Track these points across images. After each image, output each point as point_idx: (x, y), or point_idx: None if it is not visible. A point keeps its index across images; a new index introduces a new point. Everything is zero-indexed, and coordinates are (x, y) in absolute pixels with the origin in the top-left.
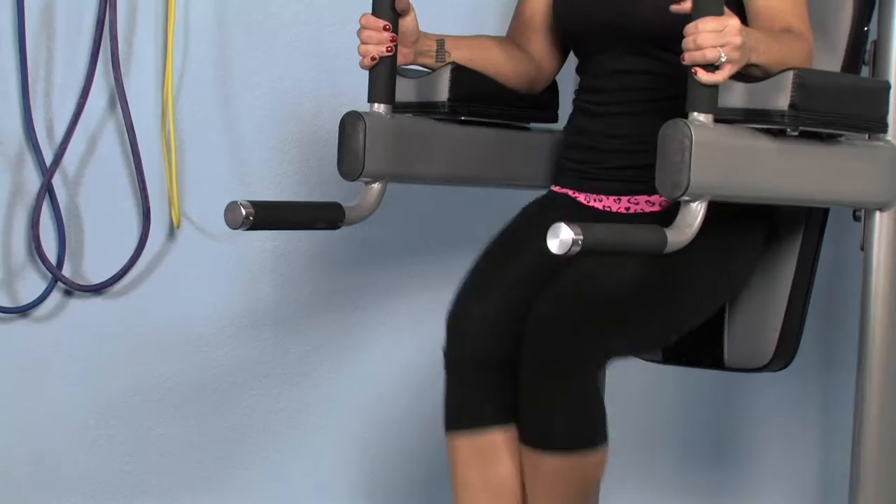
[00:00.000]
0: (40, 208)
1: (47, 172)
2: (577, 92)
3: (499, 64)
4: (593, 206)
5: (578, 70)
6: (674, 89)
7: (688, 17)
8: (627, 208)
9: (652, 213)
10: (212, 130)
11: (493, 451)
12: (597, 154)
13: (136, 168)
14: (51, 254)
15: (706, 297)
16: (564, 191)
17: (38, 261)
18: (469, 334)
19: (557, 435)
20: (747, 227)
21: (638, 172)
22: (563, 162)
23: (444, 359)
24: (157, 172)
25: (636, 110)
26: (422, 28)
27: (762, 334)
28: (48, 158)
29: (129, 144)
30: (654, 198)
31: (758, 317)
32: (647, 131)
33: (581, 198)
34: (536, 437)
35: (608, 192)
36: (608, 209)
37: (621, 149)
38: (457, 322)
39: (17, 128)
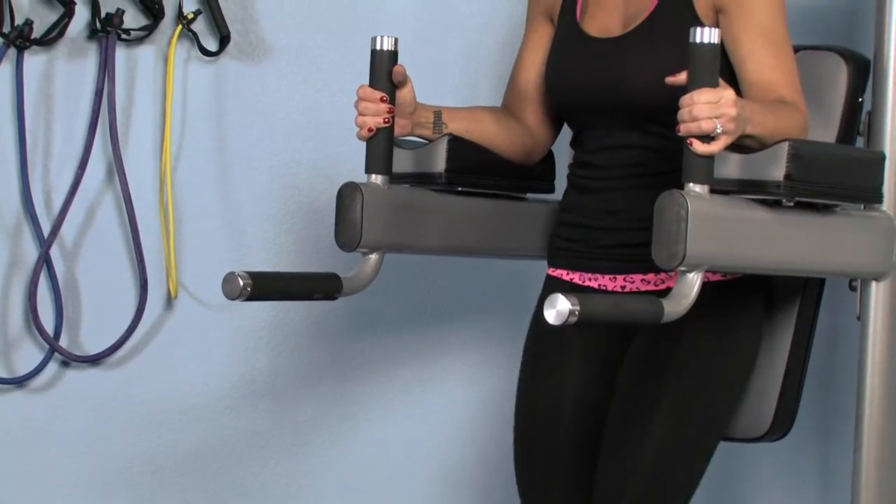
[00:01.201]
0: (38, 279)
1: (45, 243)
2: (571, 166)
3: (495, 135)
4: (588, 286)
5: (573, 144)
6: (667, 164)
7: (681, 90)
8: (623, 287)
9: (647, 292)
10: (209, 201)
11: None
12: (591, 232)
13: (133, 239)
14: (48, 324)
15: (729, 402)
16: (559, 273)
17: (35, 331)
18: None
19: None
20: (747, 305)
21: (633, 251)
22: (555, 241)
23: None
24: (155, 243)
25: (631, 186)
26: (418, 99)
27: (760, 404)
28: (46, 229)
29: (126, 215)
30: (650, 276)
31: (755, 386)
32: (641, 208)
33: (576, 278)
34: None
35: (603, 271)
36: (604, 287)
37: (616, 226)
38: None
39: (15, 198)
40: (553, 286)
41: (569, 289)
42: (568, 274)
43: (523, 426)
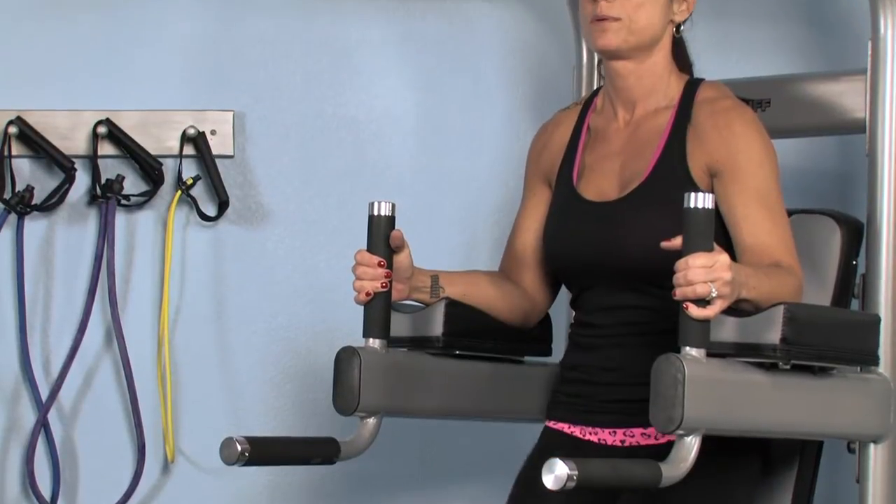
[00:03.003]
0: (35, 443)
1: (43, 408)
2: (573, 325)
3: (492, 299)
4: (589, 440)
5: (572, 304)
6: (665, 323)
7: (677, 254)
8: (623, 441)
9: (648, 445)
10: (207, 365)
11: None
12: (591, 388)
13: (131, 403)
14: (45, 489)
15: None
16: (559, 426)
17: (32, 496)
18: None
19: None
20: (742, 465)
21: (633, 406)
22: (557, 395)
23: None
24: (153, 407)
25: (630, 344)
26: (416, 262)
27: None
28: (44, 394)
29: (125, 379)
30: (650, 430)
31: None
32: (641, 365)
33: (576, 431)
34: None
35: (603, 425)
36: (603, 442)
37: (616, 382)
38: None
39: (13, 362)
40: (552, 439)
41: (568, 443)
42: (569, 427)
43: None
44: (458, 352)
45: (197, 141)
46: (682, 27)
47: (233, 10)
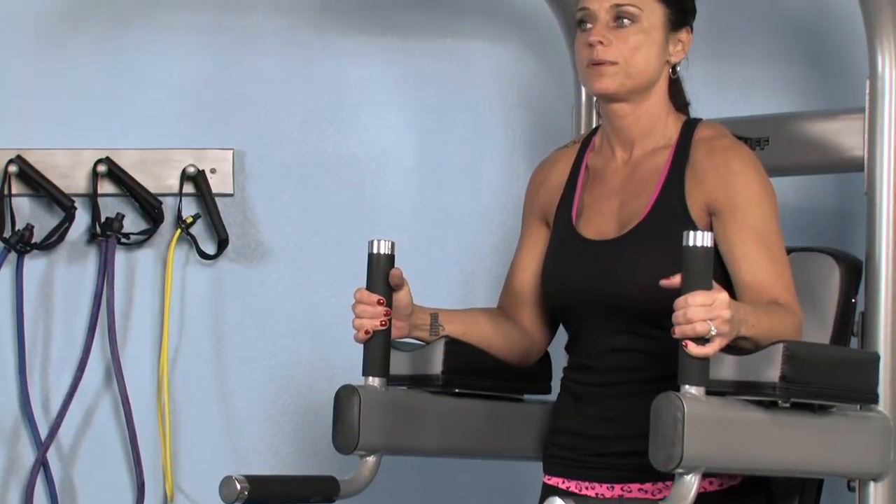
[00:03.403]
0: (34, 482)
1: (42, 447)
2: (566, 370)
3: (491, 337)
4: (585, 495)
5: (567, 348)
6: (663, 369)
7: (676, 292)
8: (621, 495)
9: (645, 499)
10: (207, 403)
11: None
12: (587, 441)
13: (130, 441)
14: None
15: None
16: (555, 481)
17: None
18: None
19: None
20: (747, 499)
21: (630, 460)
22: (550, 448)
23: None
24: (152, 445)
25: (626, 392)
26: (415, 301)
27: None
28: (43, 432)
29: (124, 418)
30: (647, 486)
31: None
32: (637, 416)
33: (573, 486)
34: None
35: (600, 480)
36: (601, 496)
37: (613, 435)
38: None
39: (13, 401)
40: (549, 494)
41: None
42: (564, 483)
43: None
44: (457, 390)
45: (197, 179)
46: (678, 68)
47: (232, 49)
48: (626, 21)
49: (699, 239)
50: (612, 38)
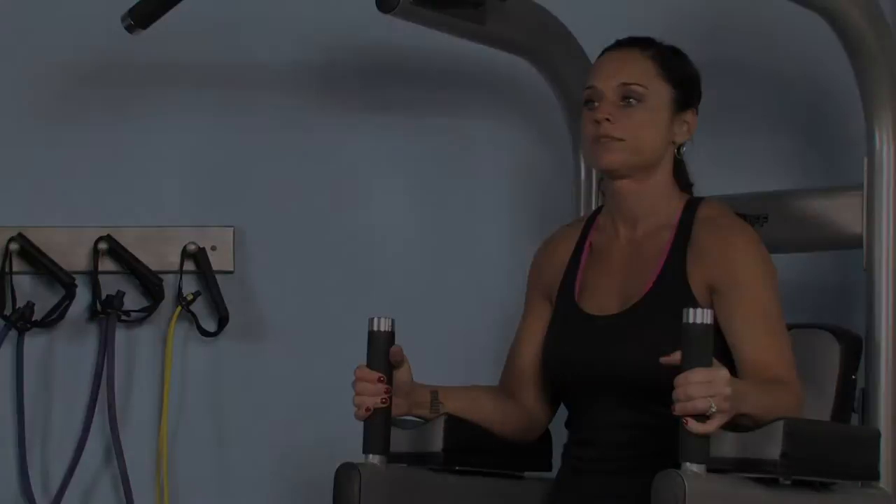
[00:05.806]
0: None
1: None
2: (567, 446)
3: (491, 415)
4: None
5: (567, 424)
6: (663, 445)
7: (676, 369)
8: None
9: None
10: (206, 482)
11: None
12: None
13: None
14: None
15: None
16: None
17: None
18: None
19: None
20: None
21: None
22: None
23: None
24: None
25: (628, 467)
26: (415, 377)
27: None
28: None
29: (123, 497)
30: None
31: None
32: (638, 494)
33: None
34: None
35: None
36: None
37: None
38: None
39: (12, 479)
40: None
41: None
42: None
43: None
44: (457, 468)
45: (197, 257)
46: (682, 148)
47: (232, 126)
48: (632, 100)
49: (699, 316)
50: (618, 115)
